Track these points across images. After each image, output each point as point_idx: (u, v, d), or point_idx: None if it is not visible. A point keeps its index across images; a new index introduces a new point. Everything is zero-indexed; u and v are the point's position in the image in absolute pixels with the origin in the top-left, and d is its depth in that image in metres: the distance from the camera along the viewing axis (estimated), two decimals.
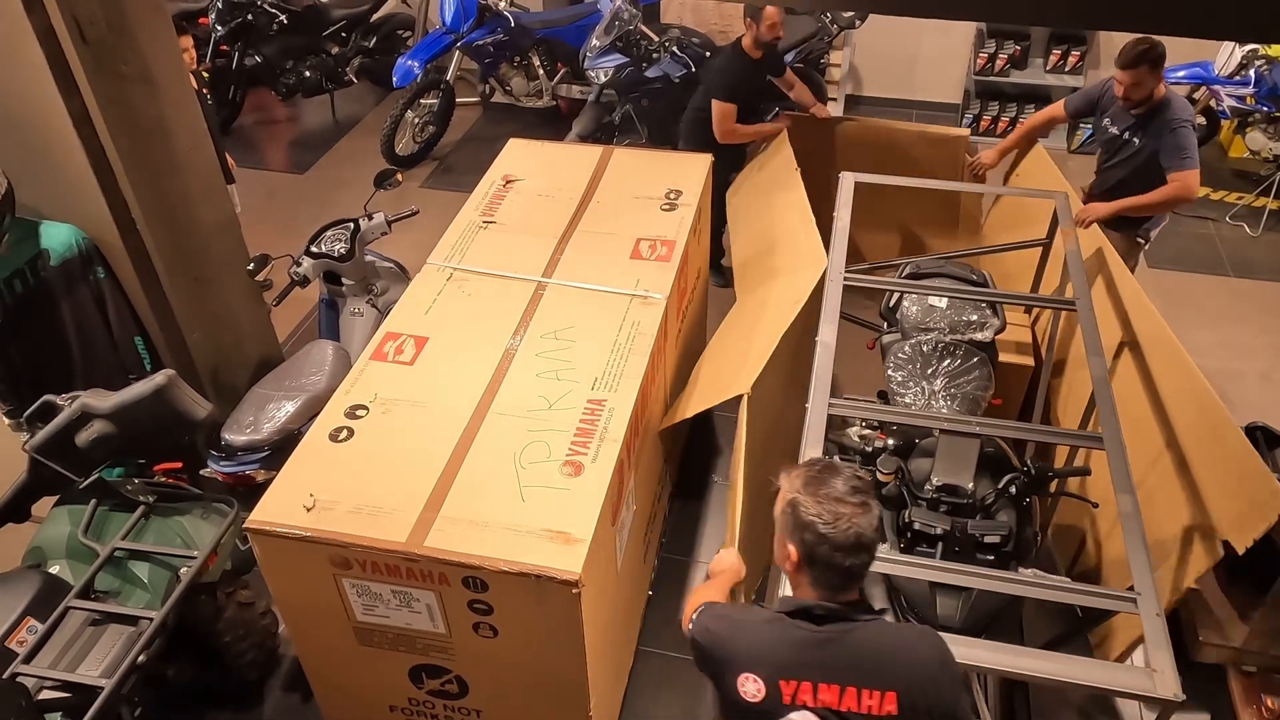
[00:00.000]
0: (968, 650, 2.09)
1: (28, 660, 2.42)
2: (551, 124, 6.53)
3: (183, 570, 2.70)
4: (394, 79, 5.86)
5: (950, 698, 1.76)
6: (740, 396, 2.76)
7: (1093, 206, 3.72)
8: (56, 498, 2.94)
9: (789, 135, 4.28)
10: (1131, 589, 2.20)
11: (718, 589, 2.16)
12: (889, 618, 2.56)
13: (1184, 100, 3.75)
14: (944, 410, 2.98)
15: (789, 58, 5.85)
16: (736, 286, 3.75)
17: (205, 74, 5.97)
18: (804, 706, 1.74)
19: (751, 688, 1.76)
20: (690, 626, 1.90)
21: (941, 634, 1.80)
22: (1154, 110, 3.66)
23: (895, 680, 1.73)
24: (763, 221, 3.87)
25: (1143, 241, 4.06)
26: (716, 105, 4.28)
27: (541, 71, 6.41)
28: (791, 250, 3.44)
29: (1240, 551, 2.53)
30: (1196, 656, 3.26)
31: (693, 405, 3.13)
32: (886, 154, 4.30)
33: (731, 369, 3.07)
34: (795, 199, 3.64)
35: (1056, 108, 4.13)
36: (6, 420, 3.29)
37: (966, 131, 4.52)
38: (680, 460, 3.95)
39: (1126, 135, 3.78)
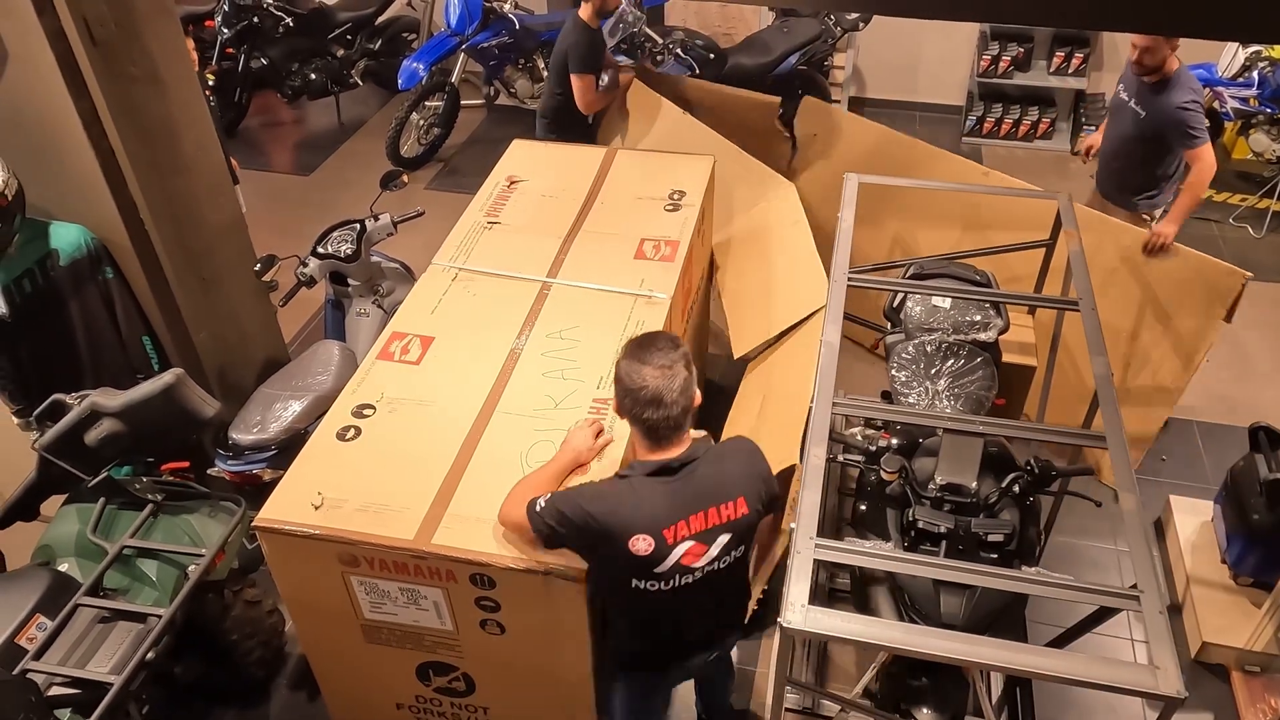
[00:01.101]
0: (971, 648, 2.10)
1: (38, 657, 2.44)
2: None
3: (190, 568, 2.71)
4: (399, 81, 5.88)
5: (769, 481, 2.28)
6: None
7: (1159, 231, 3.79)
8: (65, 496, 2.96)
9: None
10: (1134, 587, 2.21)
11: (552, 476, 2.38)
12: (892, 616, 2.58)
13: (1192, 77, 3.79)
14: (948, 410, 2.99)
15: (792, 60, 5.88)
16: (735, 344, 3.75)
17: (210, 76, 6.01)
18: (684, 539, 2.14)
19: (643, 545, 2.11)
20: (534, 517, 2.16)
21: (944, 630, 1.83)
22: (1163, 83, 3.72)
23: (738, 487, 2.20)
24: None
25: (1147, 218, 4.14)
26: (577, 79, 4.32)
27: (546, 74, 6.43)
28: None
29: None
30: (1201, 657, 3.27)
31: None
32: (714, 115, 4.42)
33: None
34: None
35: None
36: (16, 419, 3.31)
37: (776, 100, 4.60)
38: None
39: (1133, 103, 3.85)
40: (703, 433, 2.28)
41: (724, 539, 2.20)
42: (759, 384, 3.58)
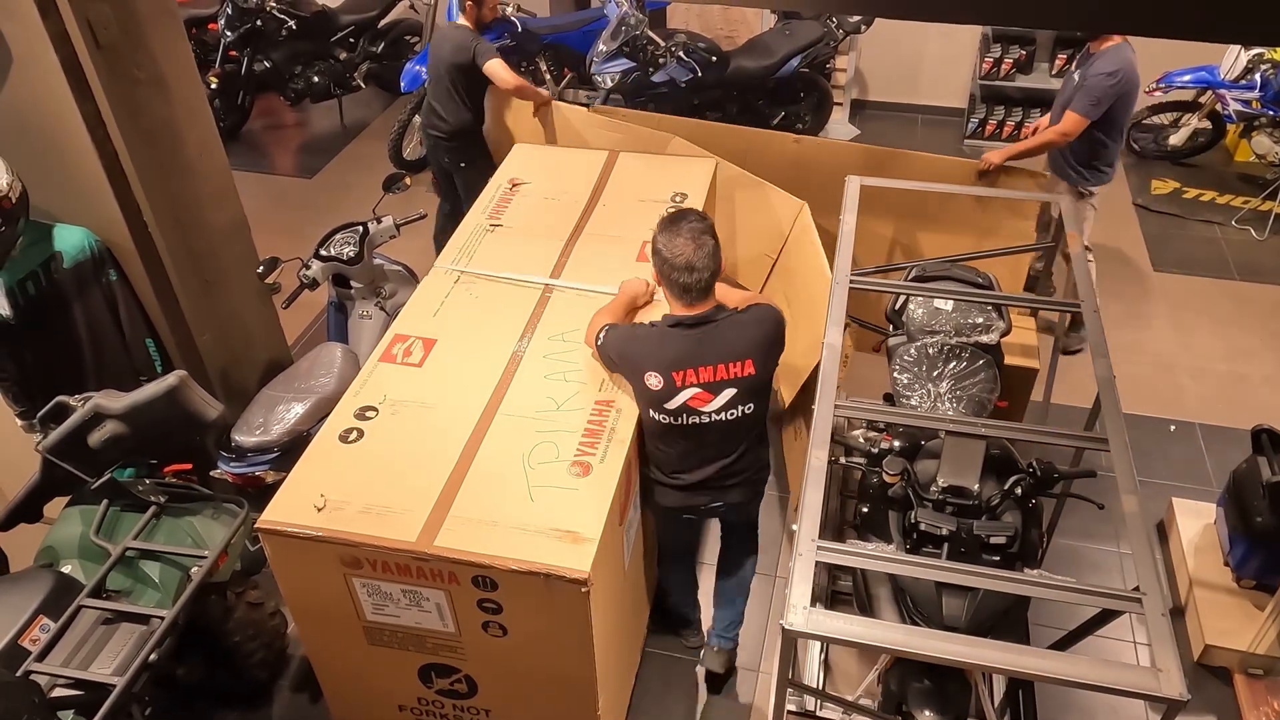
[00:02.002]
0: (974, 650, 2.10)
1: (40, 658, 2.44)
2: None
3: (193, 570, 2.72)
4: (401, 84, 5.88)
5: (779, 348, 2.68)
6: None
7: (988, 154, 4.02)
8: (68, 498, 2.96)
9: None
10: (1137, 589, 2.21)
11: (615, 311, 2.85)
12: (894, 618, 2.57)
13: (1124, 56, 3.88)
14: (949, 412, 2.99)
15: (794, 63, 5.88)
16: None
17: (214, 79, 6.03)
18: (691, 385, 2.56)
19: (653, 381, 2.56)
20: (597, 344, 2.69)
21: (946, 633, 1.83)
22: (1098, 54, 3.89)
23: (749, 349, 2.58)
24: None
25: (1085, 194, 4.24)
26: (496, 63, 4.23)
27: (548, 76, 6.43)
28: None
29: None
30: (1203, 659, 3.27)
31: None
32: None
33: None
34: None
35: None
36: (19, 421, 3.32)
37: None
38: None
39: (1075, 71, 4.02)
40: (746, 293, 2.84)
41: (730, 393, 2.59)
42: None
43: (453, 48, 4.28)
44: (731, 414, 2.63)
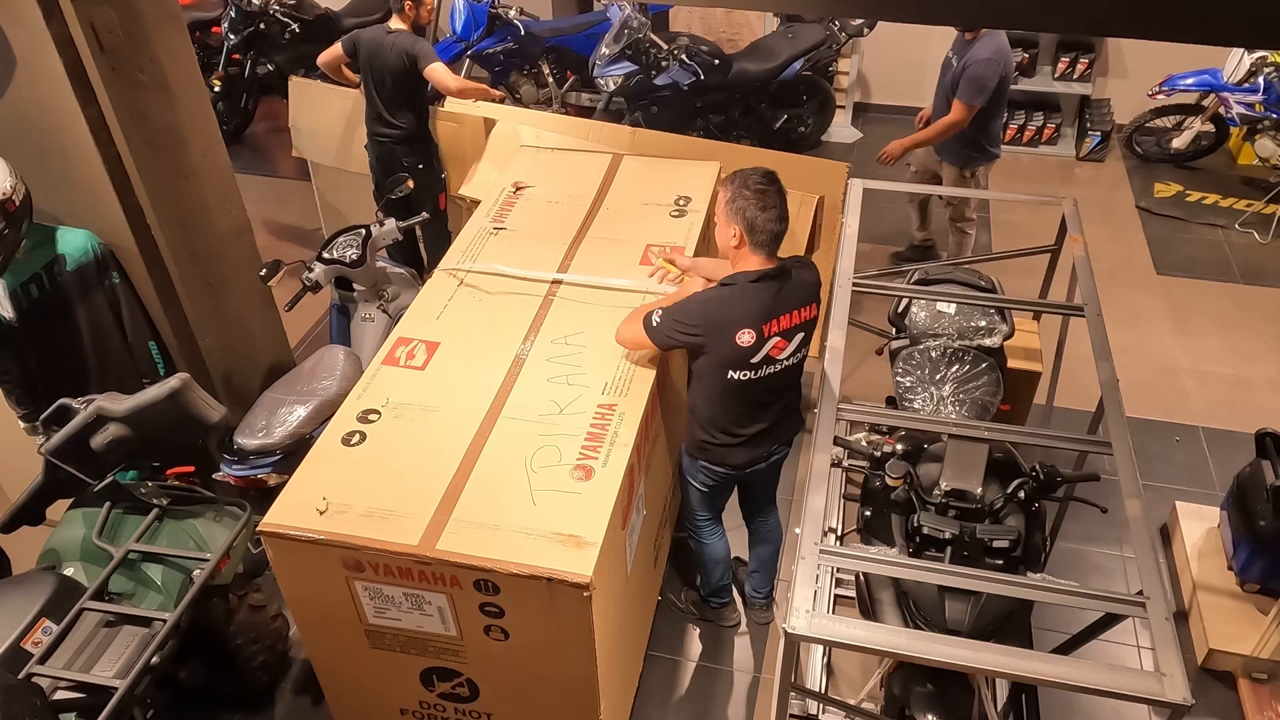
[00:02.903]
0: (977, 654, 2.10)
1: (43, 661, 2.44)
2: None
3: (195, 572, 2.71)
4: None
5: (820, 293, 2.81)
6: None
7: (888, 147, 4.23)
8: (71, 500, 2.96)
9: None
10: (1141, 593, 2.20)
11: (645, 307, 2.82)
12: (897, 622, 2.57)
13: (1000, 40, 4.06)
14: (952, 415, 2.99)
15: (797, 66, 5.89)
16: None
17: (217, 82, 6.04)
18: (774, 335, 2.66)
19: (746, 337, 2.62)
20: (660, 325, 2.68)
21: (949, 636, 1.83)
22: (975, 40, 4.05)
23: (813, 293, 2.75)
24: None
25: (969, 175, 4.38)
26: (436, 69, 4.22)
27: (551, 79, 6.45)
28: None
29: None
30: (1207, 664, 3.26)
31: None
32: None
33: None
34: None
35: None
36: (22, 423, 3.32)
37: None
38: None
39: (953, 57, 4.14)
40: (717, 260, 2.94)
41: (799, 337, 2.73)
42: None
43: (396, 53, 4.29)
44: (796, 358, 2.77)
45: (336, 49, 4.46)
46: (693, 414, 2.87)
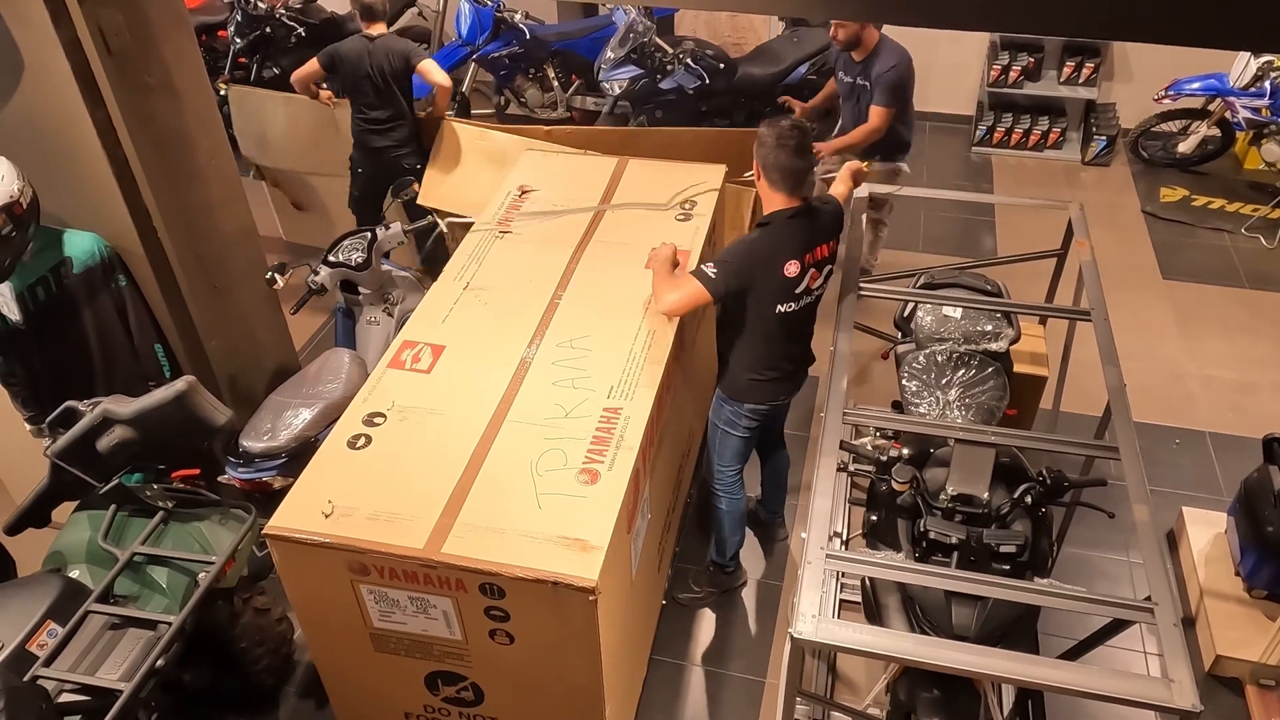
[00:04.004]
0: (983, 659, 2.09)
1: (48, 663, 2.44)
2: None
3: (200, 575, 2.72)
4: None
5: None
6: None
7: (818, 146, 4.25)
8: (77, 503, 2.96)
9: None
10: (1148, 599, 2.20)
11: (665, 276, 3.00)
12: (903, 627, 2.56)
13: (895, 47, 4.21)
14: (958, 420, 2.98)
15: (802, 70, 5.88)
16: None
17: (223, 86, 6.04)
18: (810, 265, 2.86)
19: (792, 268, 2.82)
20: (715, 276, 2.80)
21: (955, 642, 1.82)
22: (871, 56, 4.20)
23: (835, 227, 2.97)
24: None
25: (897, 169, 4.47)
26: (428, 64, 4.50)
27: (556, 83, 6.45)
28: None
29: None
30: (1215, 670, 3.25)
31: None
32: None
33: None
34: None
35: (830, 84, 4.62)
36: (28, 426, 3.32)
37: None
38: (695, 470, 3.96)
39: (859, 80, 4.27)
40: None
41: (827, 269, 2.95)
42: None
43: (384, 55, 4.42)
44: (822, 290, 2.97)
45: (313, 65, 4.58)
46: (736, 361, 3.05)
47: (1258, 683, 3.19)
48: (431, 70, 4.36)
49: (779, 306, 2.87)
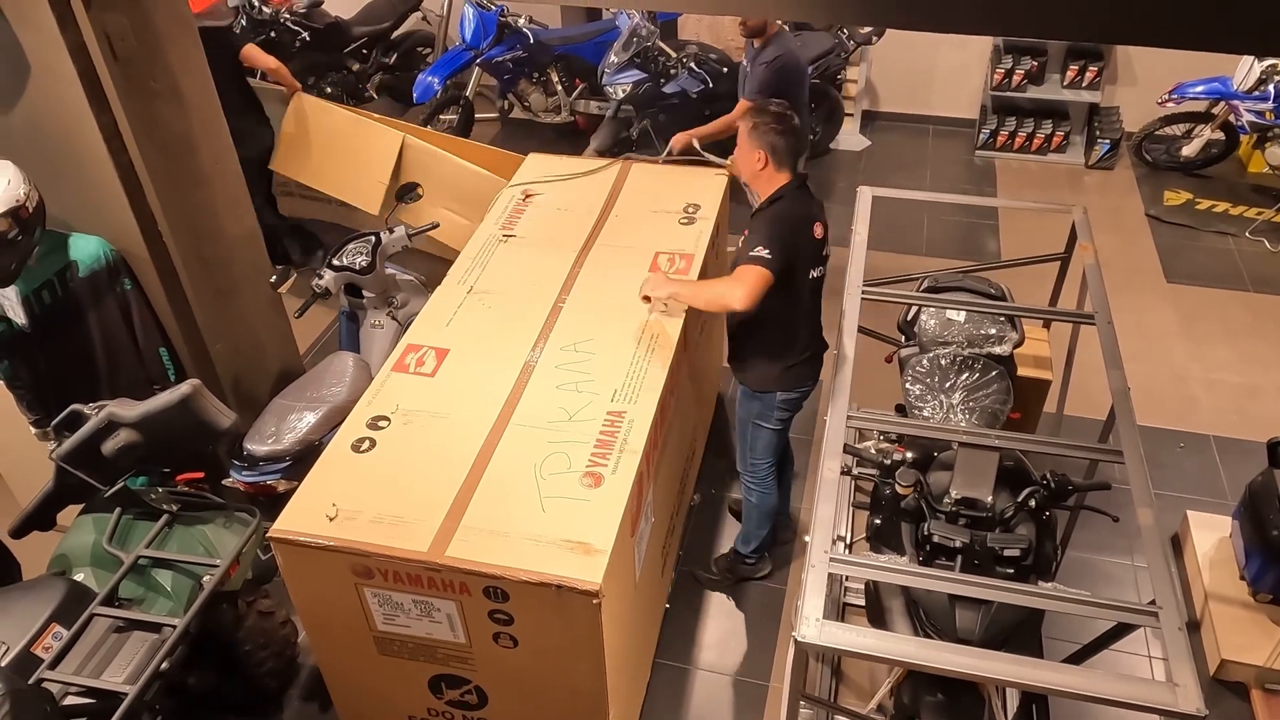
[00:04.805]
0: (987, 663, 2.09)
1: (53, 666, 2.45)
2: (569, 139, 6.58)
3: (205, 578, 2.72)
4: (414, 95, 5.93)
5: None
6: None
7: (676, 137, 4.33)
8: (82, 506, 2.97)
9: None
10: (1153, 603, 2.19)
11: (692, 283, 3.12)
12: (907, 631, 2.56)
13: (783, 43, 4.19)
14: (962, 423, 2.98)
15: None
16: None
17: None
18: (822, 229, 2.96)
19: (819, 229, 2.94)
20: (771, 257, 2.78)
21: (960, 646, 1.82)
22: (764, 46, 4.19)
23: (819, 203, 3.04)
24: None
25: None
26: (251, 49, 4.67)
27: (560, 87, 6.46)
28: None
29: None
30: (1220, 674, 3.24)
31: None
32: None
33: None
34: None
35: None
36: (34, 429, 3.33)
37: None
38: (698, 474, 3.96)
39: (748, 65, 4.29)
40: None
41: (829, 237, 3.01)
42: None
43: (230, 51, 4.51)
44: (829, 260, 3.04)
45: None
46: (762, 353, 3.08)
47: (1263, 687, 3.19)
48: (253, 54, 4.60)
49: (812, 272, 2.96)
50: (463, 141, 5.02)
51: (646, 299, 3.10)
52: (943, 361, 3.17)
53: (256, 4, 6.03)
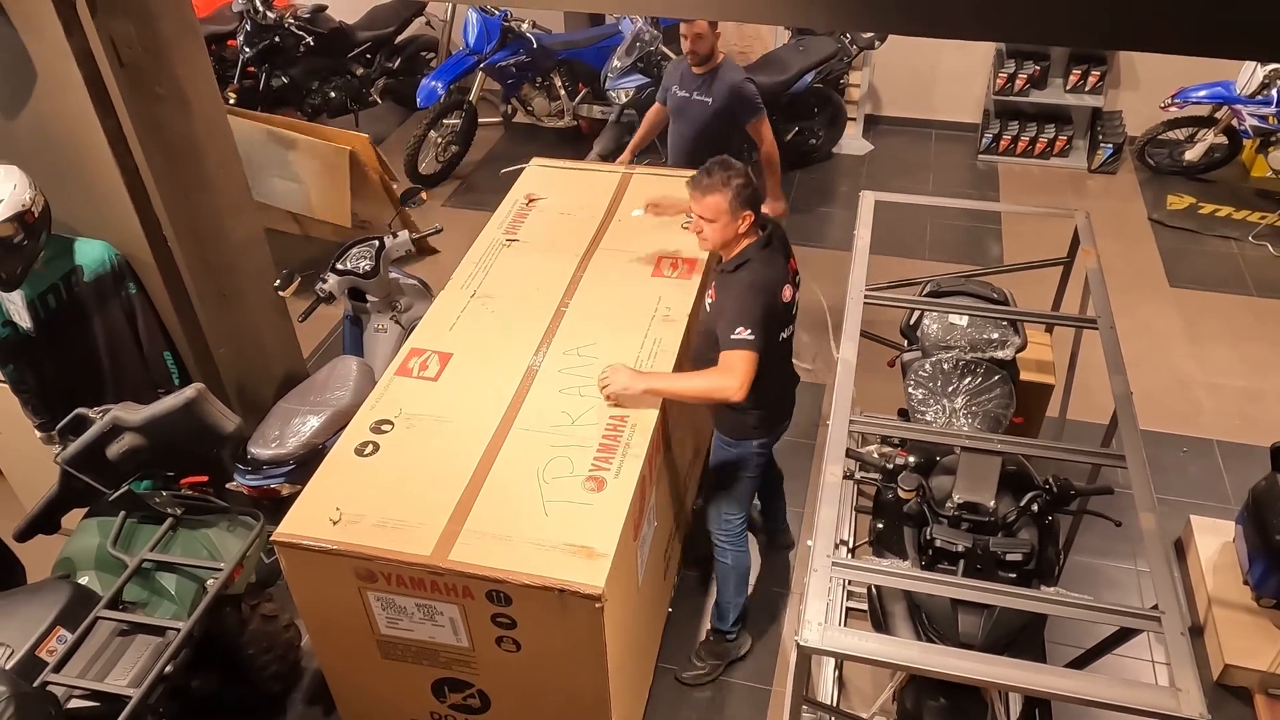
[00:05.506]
0: (990, 668, 2.09)
1: (58, 669, 2.45)
2: (572, 144, 6.59)
3: (209, 582, 2.73)
4: (418, 99, 5.94)
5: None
6: None
7: (777, 210, 4.11)
8: (86, 510, 2.98)
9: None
10: (1155, 607, 2.19)
11: (661, 378, 2.85)
12: (909, 635, 2.56)
13: (734, 61, 4.22)
14: (965, 428, 2.98)
15: (808, 78, 5.90)
16: None
17: (232, 95, 6.09)
18: (789, 282, 2.83)
19: (787, 292, 2.80)
20: (752, 338, 2.64)
21: (962, 650, 1.83)
22: (715, 70, 4.09)
23: (787, 243, 2.90)
24: None
25: None
26: None
27: (563, 92, 6.48)
28: None
29: None
30: (1223, 679, 3.23)
31: None
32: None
33: None
34: None
35: (656, 108, 4.42)
36: (39, 433, 3.34)
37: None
38: (701, 478, 3.96)
39: (697, 95, 4.12)
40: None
41: (797, 280, 2.90)
42: None
43: None
44: (798, 304, 2.94)
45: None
46: (740, 408, 2.87)
47: (1266, 692, 3.18)
48: None
49: (781, 334, 2.84)
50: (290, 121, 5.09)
51: (614, 399, 2.81)
52: (945, 366, 3.18)
53: (260, 9, 6.05)
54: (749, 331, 2.64)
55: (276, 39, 6.24)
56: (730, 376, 2.65)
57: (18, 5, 2.76)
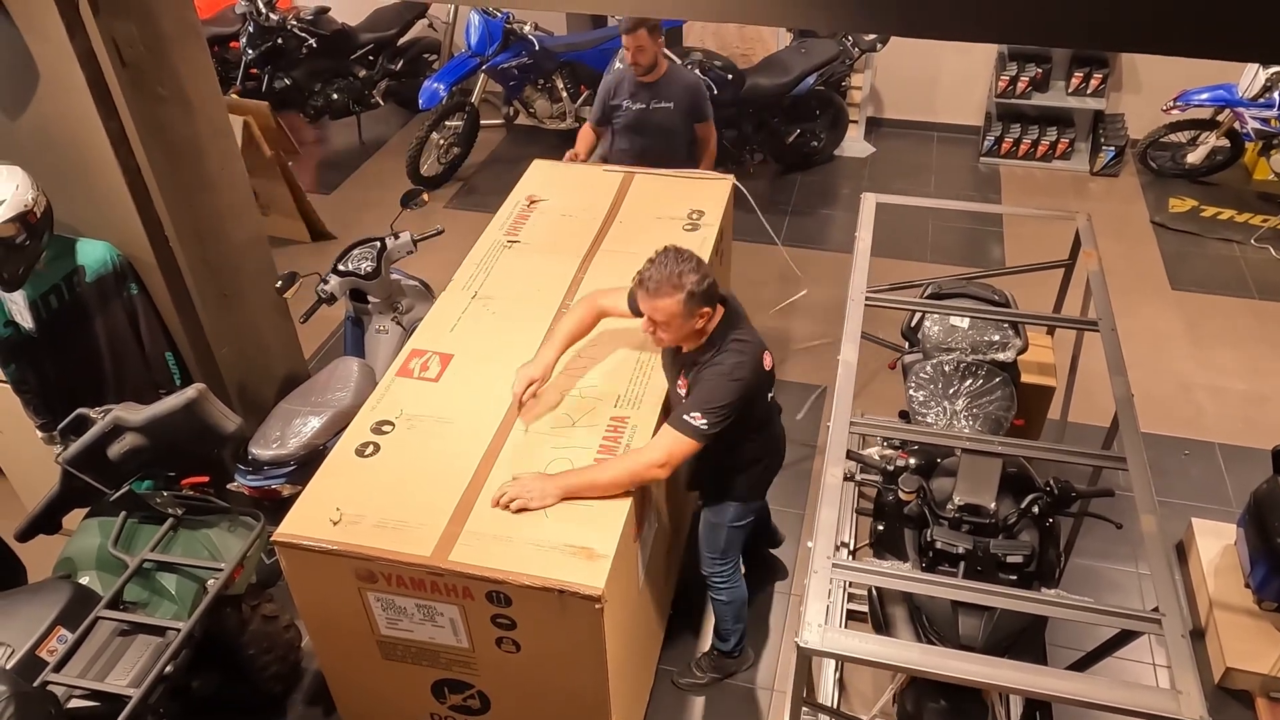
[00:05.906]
0: (991, 670, 2.09)
1: (58, 669, 2.46)
2: (574, 145, 6.58)
3: (209, 582, 2.73)
4: (420, 101, 5.95)
5: None
6: None
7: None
8: (87, 510, 2.98)
9: None
10: (1156, 610, 2.19)
11: (561, 481, 2.51)
12: (910, 637, 2.56)
13: (679, 62, 4.29)
14: (966, 430, 2.98)
15: (810, 81, 5.90)
16: None
17: (235, 97, 6.10)
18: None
19: (769, 359, 2.68)
20: (707, 426, 2.48)
21: (962, 652, 1.83)
22: (666, 75, 4.13)
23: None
24: None
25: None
26: None
27: (565, 94, 6.48)
28: None
29: None
30: (1224, 682, 3.23)
31: None
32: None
33: None
34: None
35: (589, 130, 4.46)
36: (40, 433, 3.35)
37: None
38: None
39: (654, 104, 4.15)
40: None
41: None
42: None
43: None
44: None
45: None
46: (736, 469, 2.84)
47: (1268, 695, 3.18)
48: None
49: (768, 395, 2.77)
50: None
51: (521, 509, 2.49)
52: (946, 368, 3.17)
53: (263, 10, 6.07)
54: (703, 420, 2.46)
55: (279, 41, 6.26)
56: (658, 453, 2.47)
57: (20, 6, 2.77)
